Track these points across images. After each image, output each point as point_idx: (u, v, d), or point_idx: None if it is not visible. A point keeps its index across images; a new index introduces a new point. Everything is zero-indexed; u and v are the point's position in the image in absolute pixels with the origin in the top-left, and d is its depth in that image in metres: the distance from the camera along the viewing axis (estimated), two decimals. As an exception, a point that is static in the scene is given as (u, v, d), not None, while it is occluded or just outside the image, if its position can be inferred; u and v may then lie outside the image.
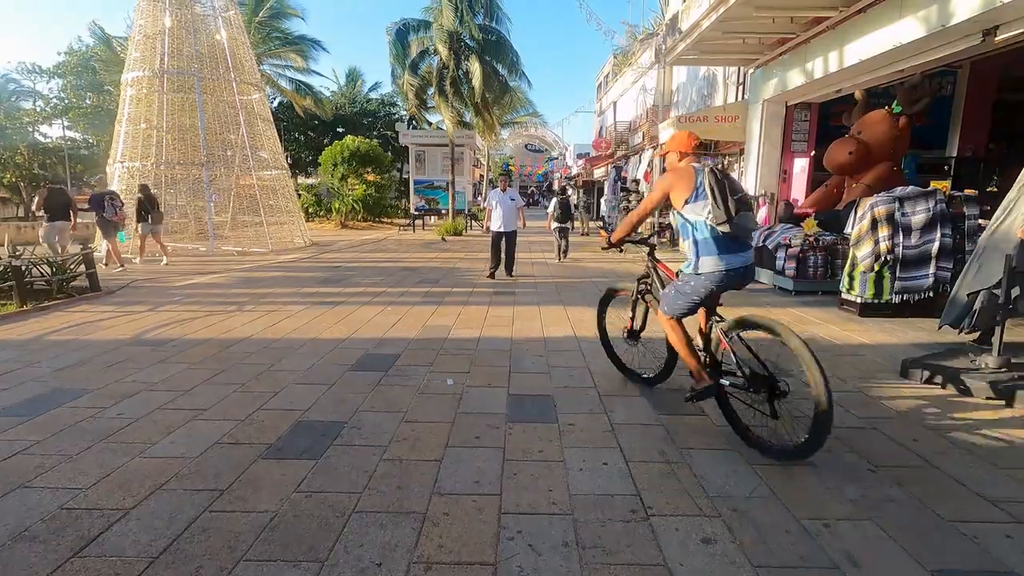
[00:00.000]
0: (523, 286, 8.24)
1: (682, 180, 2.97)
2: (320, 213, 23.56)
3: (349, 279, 8.72)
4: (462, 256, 12.29)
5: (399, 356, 4.49)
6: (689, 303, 3.17)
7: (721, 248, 2.94)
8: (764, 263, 8.58)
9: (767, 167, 11.49)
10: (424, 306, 6.62)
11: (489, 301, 6.94)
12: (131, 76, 12.68)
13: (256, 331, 5.30)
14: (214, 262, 10.95)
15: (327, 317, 5.96)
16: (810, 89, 9.92)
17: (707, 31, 9.61)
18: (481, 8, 17.44)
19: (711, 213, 2.83)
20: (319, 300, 6.93)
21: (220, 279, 8.78)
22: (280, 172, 14.93)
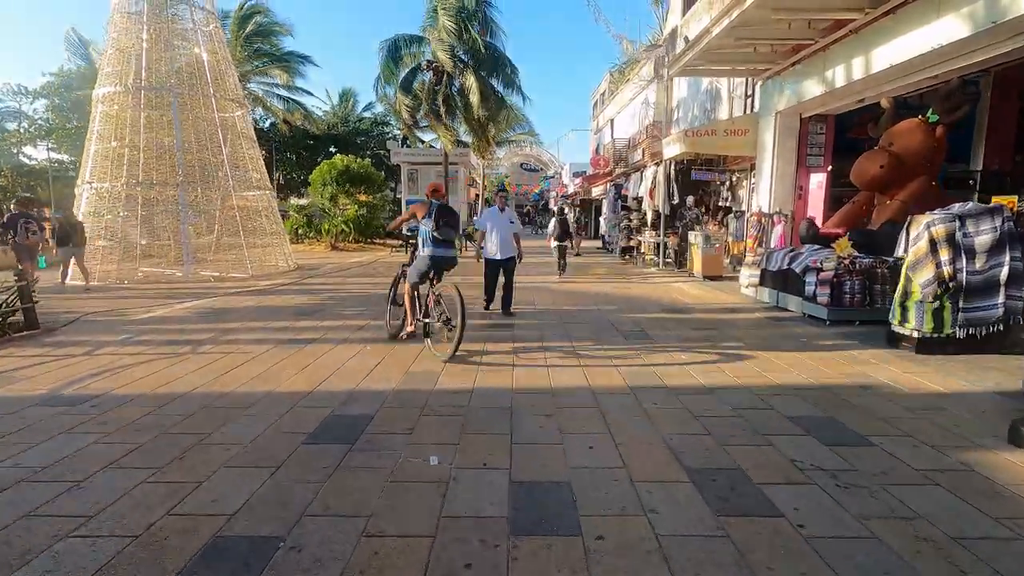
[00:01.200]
0: (522, 315, 7.36)
1: (423, 207, 5.75)
2: (310, 235, 22.73)
3: (328, 310, 7.82)
4: (456, 281, 11.38)
5: (371, 419, 3.58)
6: (418, 274, 5.86)
7: (434, 244, 5.74)
8: (789, 288, 7.75)
9: (781, 183, 10.74)
10: (407, 344, 5.72)
11: (485, 338, 6.05)
12: (103, 92, 11.92)
13: (204, 382, 4.38)
14: (185, 290, 10.04)
15: (294, 361, 5.05)
16: (829, 99, 9.22)
17: (718, 38, 8.91)
18: (477, 22, 16.89)
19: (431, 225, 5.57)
20: (290, 338, 6.02)
21: (185, 310, 7.87)
22: (264, 192, 14.12)
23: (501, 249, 7.32)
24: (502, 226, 7.38)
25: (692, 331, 6.43)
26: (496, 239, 7.29)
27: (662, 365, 4.92)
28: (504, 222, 7.38)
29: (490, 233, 7.35)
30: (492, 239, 7.32)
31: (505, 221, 7.39)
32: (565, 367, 4.84)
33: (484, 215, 7.55)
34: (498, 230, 7.35)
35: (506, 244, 7.35)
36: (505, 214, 7.44)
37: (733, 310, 7.93)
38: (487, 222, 7.42)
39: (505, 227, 7.39)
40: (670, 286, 10.62)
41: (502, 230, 7.37)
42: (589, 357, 5.20)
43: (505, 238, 7.34)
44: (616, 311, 7.74)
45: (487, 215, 7.56)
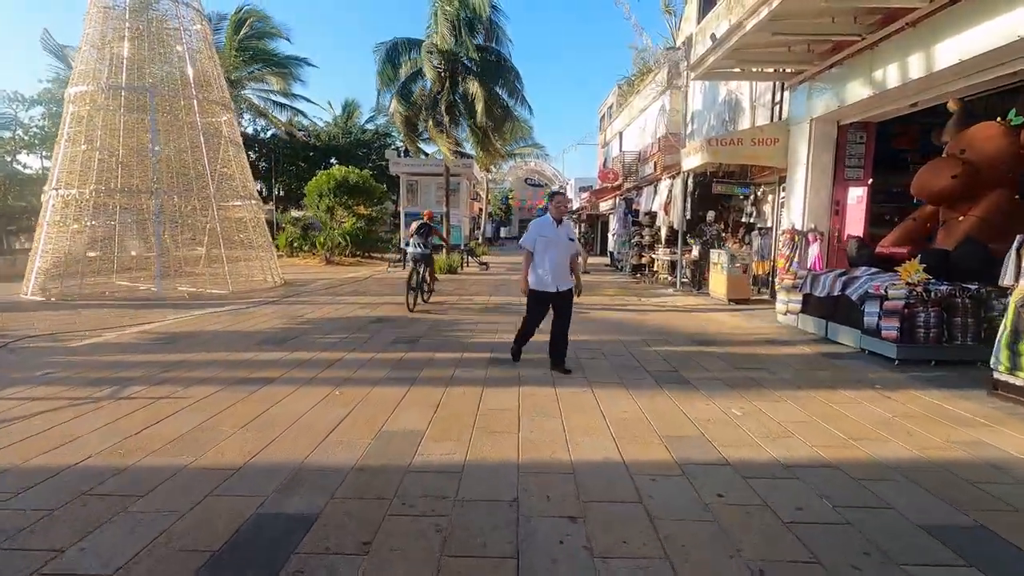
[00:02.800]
0: (530, 347, 6.23)
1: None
2: (305, 248, 21.74)
3: (303, 337, 6.72)
4: (453, 301, 10.33)
5: (313, 522, 2.45)
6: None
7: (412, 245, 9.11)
8: (841, 317, 6.63)
9: (816, 197, 9.66)
10: (389, 387, 4.60)
11: (484, 378, 4.93)
12: (74, 91, 10.99)
13: (102, 447, 3.27)
14: (152, 308, 8.96)
15: (238, 412, 3.93)
16: (876, 103, 8.17)
17: (752, 33, 7.91)
18: (481, 29, 16.04)
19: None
20: (245, 376, 4.92)
21: (136, 335, 6.78)
22: (250, 202, 13.13)
23: (556, 277, 5.14)
24: (558, 245, 5.17)
25: (734, 371, 5.30)
26: (549, 263, 5.13)
27: (711, 423, 3.79)
28: (561, 239, 5.19)
29: (541, 254, 5.16)
30: (544, 263, 5.14)
31: (562, 237, 5.20)
32: (588, 426, 3.71)
33: (533, 229, 5.28)
34: (552, 250, 5.14)
35: (562, 270, 5.19)
36: (562, 228, 5.23)
37: (773, 342, 6.80)
38: (537, 238, 5.19)
39: (562, 246, 5.19)
40: (693, 311, 9.50)
41: (558, 250, 5.16)
42: (616, 409, 4.07)
43: (561, 261, 5.18)
44: (638, 343, 6.62)
45: (537, 229, 5.27)
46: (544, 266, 5.13)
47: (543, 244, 5.15)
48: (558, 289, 5.17)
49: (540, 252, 5.16)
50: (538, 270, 5.17)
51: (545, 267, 5.13)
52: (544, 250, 5.15)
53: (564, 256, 5.21)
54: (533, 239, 5.20)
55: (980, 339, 5.55)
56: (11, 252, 19.01)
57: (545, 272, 5.14)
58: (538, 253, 5.17)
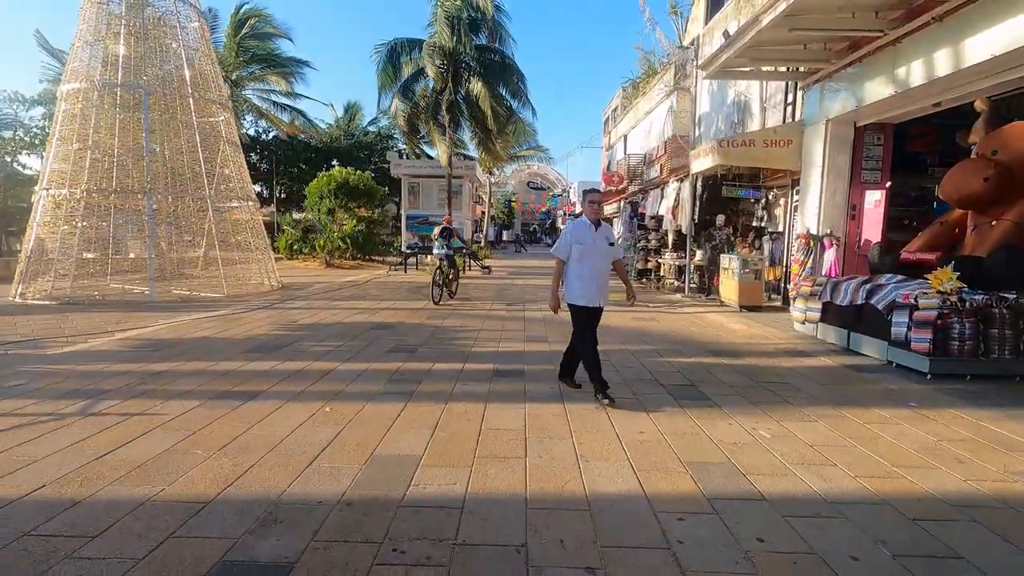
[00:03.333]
0: (535, 357, 5.88)
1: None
2: (305, 250, 21.41)
3: (295, 345, 6.37)
4: (455, 306, 9.98)
5: (289, 571, 2.10)
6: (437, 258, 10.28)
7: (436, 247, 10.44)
8: (865, 327, 6.27)
9: (832, 201, 9.32)
10: (384, 403, 4.24)
11: (487, 393, 4.57)
12: (66, 88, 10.69)
13: (61, 473, 2.92)
14: (143, 312, 8.63)
15: (215, 432, 3.58)
16: (897, 103, 7.82)
17: (768, 28, 7.58)
18: (484, 28, 15.73)
19: None
20: (228, 388, 4.56)
21: (121, 342, 6.44)
22: (247, 203, 12.80)
23: (597, 290, 4.40)
24: (597, 251, 4.39)
25: (756, 385, 4.93)
26: (588, 273, 4.36)
27: (739, 447, 3.43)
28: (600, 244, 4.41)
29: (577, 263, 4.40)
30: (582, 274, 4.38)
31: (601, 242, 4.42)
32: (602, 451, 3.35)
33: (569, 233, 4.51)
34: (591, 258, 4.37)
35: (603, 281, 4.45)
36: (601, 231, 4.45)
37: (793, 353, 6.42)
38: (573, 243, 4.41)
39: (602, 252, 4.42)
40: (704, 318, 9.13)
41: (597, 258, 4.39)
42: (631, 429, 3.71)
43: (602, 270, 4.44)
44: (650, 353, 6.26)
45: (573, 233, 4.48)
46: (583, 277, 4.35)
47: (579, 252, 4.35)
48: (602, 303, 4.43)
49: (576, 261, 4.36)
50: (575, 282, 4.38)
51: (584, 278, 4.35)
52: (581, 258, 4.36)
53: (605, 265, 4.45)
54: (567, 246, 4.41)
55: (1019, 352, 5.19)
56: (11, 254, 18.78)
57: (584, 284, 4.36)
58: (574, 262, 4.37)
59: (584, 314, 4.42)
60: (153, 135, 11.33)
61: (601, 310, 4.50)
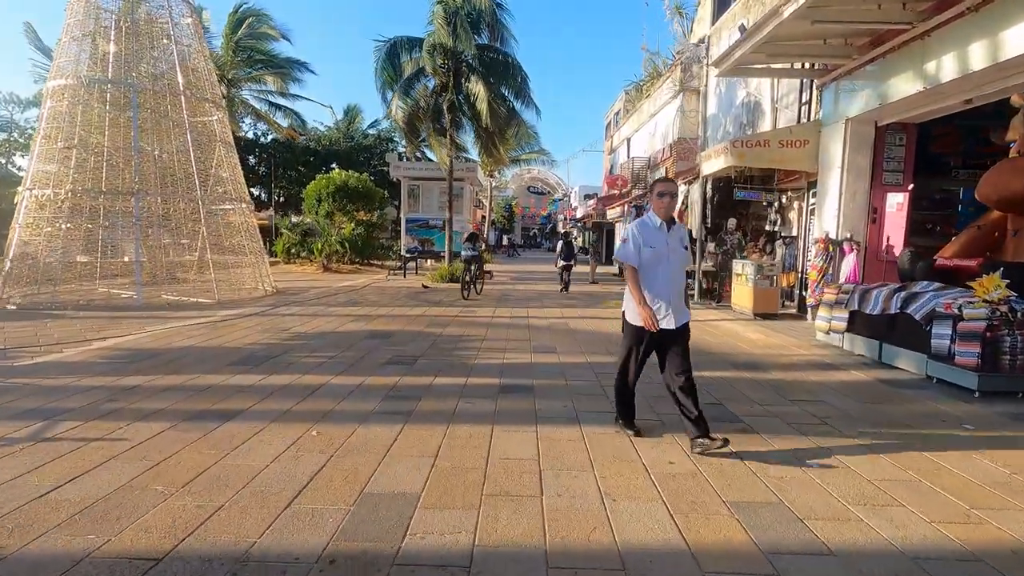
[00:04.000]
0: (544, 370, 5.43)
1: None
2: (302, 254, 20.97)
3: (284, 356, 5.90)
4: (456, 313, 9.52)
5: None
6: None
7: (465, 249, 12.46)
8: (899, 338, 5.82)
9: (852, 203, 8.88)
10: (379, 424, 3.78)
11: (493, 413, 4.11)
12: (52, 85, 10.27)
13: (-7, 517, 2.46)
14: (128, 318, 8.17)
15: (182, 462, 3.12)
16: (926, 100, 7.39)
17: (789, 21, 7.16)
18: (486, 27, 15.34)
19: None
20: (206, 408, 4.10)
21: (99, 352, 5.98)
22: (241, 205, 12.36)
23: (670, 305, 3.48)
24: (671, 257, 3.50)
25: (789, 404, 4.48)
26: (660, 285, 3.48)
27: (787, 482, 2.97)
28: (674, 248, 3.50)
29: (646, 272, 3.50)
30: (652, 285, 3.49)
31: (675, 247, 3.51)
32: (630, 488, 2.89)
33: (634, 234, 3.54)
34: (662, 266, 3.48)
35: (678, 294, 3.53)
36: (674, 232, 3.52)
37: (821, 366, 5.96)
38: (641, 246, 3.48)
39: (675, 258, 3.52)
40: (718, 327, 8.68)
41: (670, 265, 3.50)
42: (661, 459, 3.25)
43: (676, 281, 3.53)
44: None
45: (640, 234, 3.52)
46: (652, 289, 3.47)
47: (649, 258, 3.46)
48: (675, 324, 3.46)
49: (647, 267, 3.49)
50: (648, 293, 3.50)
51: (654, 290, 3.47)
52: (651, 266, 3.47)
53: (679, 274, 3.56)
54: (636, 250, 3.47)
55: (1076, 368, 4.74)
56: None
57: (654, 298, 3.45)
58: (645, 268, 3.49)
59: (647, 338, 3.50)
60: (144, 134, 10.91)
61: (676, 332, 3.48)
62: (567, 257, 13.94)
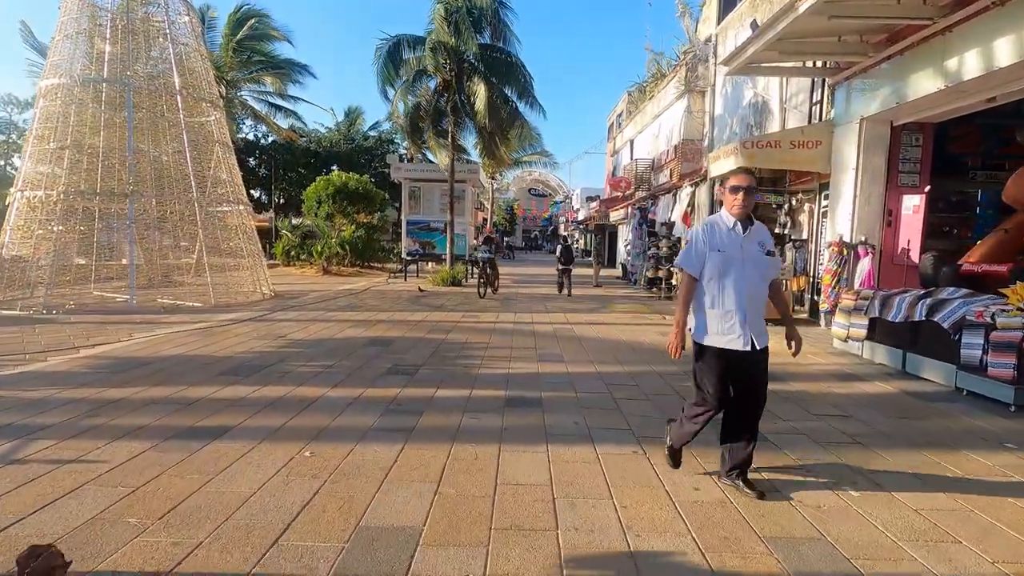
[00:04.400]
0: (552, 381, 5.16)
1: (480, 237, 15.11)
2: (302, 256, 20.71)
3: (280, 365, 5.63)
4: (459, 318, 9.25)
5: None
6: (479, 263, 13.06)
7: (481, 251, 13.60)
8: (924, 347, 5.54)
9: (867, 206, 8.62)
10: (378, 443, 3.51)
11: (499, 430, 3.83)
12: (46, 84, 10.04)
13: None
14: (120, 324, 7.91)
15: (161, 488, 2.84)
16: (947, 99, 7.13)
17: (805, 17, 6.90)
18: (488, 26, 15.10)
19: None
20: (192, 424, 3.83)
21: (86, 361, 5.71)
22: (238, 207, 12.11)
23: (747, 322, 2.83)
24: (747, 262, 2.86)
25: (814, 419, 4.21)
26: (732, 297, 2.85)
27: (827, 514, 2.69)
28: (751, 253, 2.86)
29: (716, 282, 2.88)
30: (721, 298, 2.87)
31: (753, 250, 2.87)
32: (655, 519, 2.61)
33: (698, 237, 2.97)
34: (736, 273, 2.86)
35: (756, 309, 2.87)
36: (752, 235, 2.89)
37: (842, 376, 5.69)
38: (708, 251, 2.89)
39: (754, 265, 2.87)
40: (729, 332, 8.38)
41: (747, 273, 2.86)
42: (685, 485, 2.97)
43: (754, 294, 2.87)
44: (679, 375, 5.52)
45: (708, 235, 2.93)
46: (722, 303, 2.83)
47: (717, 264, 2.84)
48: (752, 345, 2.79)
49: (713, 278, 2.85)
50: (708, 310, 2.87)
51: (724, 304, 2.83)
52: (719, 274, 2.84)
53: (759, 285, 2.86)
54: (700, 256, 2.89)
55: (1120, 381, 4.47)
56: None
57: (724, 314, 2.83)
58: (709, 280, 2.87)
59: (719, 362, 2.84)
60: (140, 135, 10.67)
61: (751, 356, 2.82)
62: (566, 261, 14.15)
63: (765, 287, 2.92)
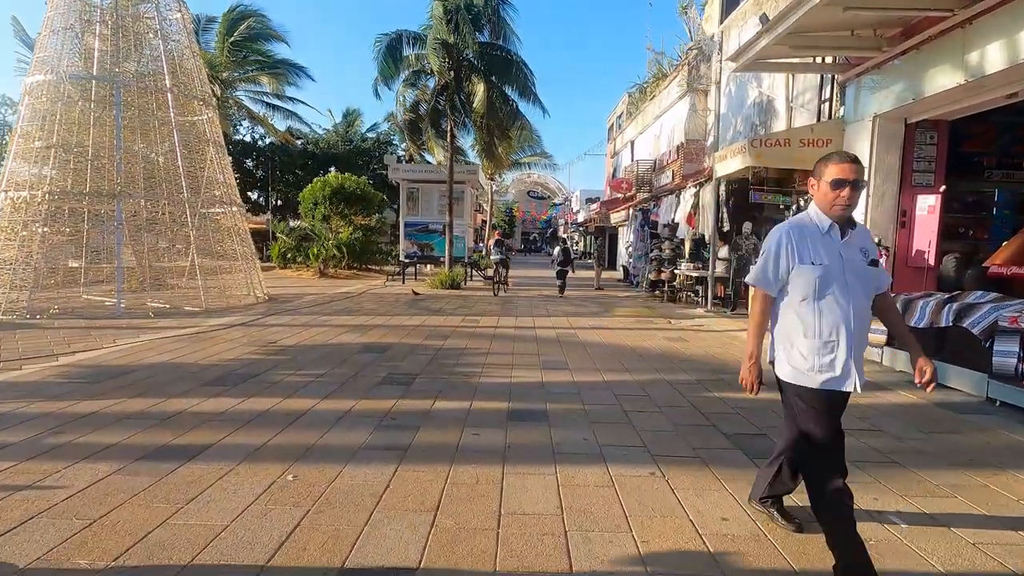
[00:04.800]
0: (558, 392, 4.84)
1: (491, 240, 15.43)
2: (298, 259, 20.38)
3: (268, 374, 5.31)
4: (458, 323, 8.94)
5: None
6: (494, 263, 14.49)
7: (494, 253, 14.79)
8: (950, 354, 5.24)
9: (880, 206, 8.33)
10: (369, 464, 3.19)
11: (503, 448, 3.51)
12: (31, 81, 9.72)
13: None
14: (105, 329, 7.58)
15: (123, 520, 2.52)
16: (967, 94, 6.84)
17: (819, 9, 6.60)
18: (487, 23, 14.82)
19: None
20: (167, 442, 3.51)
21: (63, 370, 5.38)
22: (232, 209, 11.79)
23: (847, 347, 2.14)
24: (848, 272, 2.15)
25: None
26: (831, 317, 2.14)
27: (874, 547, 2.37)
28: (852, 259, 2.16)
29: (810, 300, 2.17)
30: (815, 319, 2.16)
31: (854, 258, 2.16)
32: (683, 561, 2.29)
33: (781, 243, 2.21)
34: (837, 289, 2.14)
35: (860, 332, 2.19)
36: (856, 239, 2.19)
37: (863, 385, 5.37)
38: (796, 263, 2.18)
39: (856, 276, 2.16)
40: (739, 338, 8.09)
41: (848, 286, 2.14)
42: (712, 512, 2.65)
43: (859, 313, 2.16)
44: (693, 385, 5.22)
45: (793, 244, 2.19)
46: (819, 331, 2.16)
47: (811, 280, 2.15)
48: (855, 385, 2.19)
49: (807, 299, 2.17)
50: (800, 339, 2.20)
51: (822, 333, 2.15)
52: (816, 294, 2.15)
53: (864, 306, 2.20)
54: (783, 269, 2.21)
55: None
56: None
57: (824, 345, 2.15)
58: (800, 300, 2.20)
59: (819, 403, 2.19)
60: (130, 134, 10.34)
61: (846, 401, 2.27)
62: (564, 263, 14.58)
63: (869, 305, 2.23)
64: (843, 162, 2.14)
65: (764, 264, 2.27)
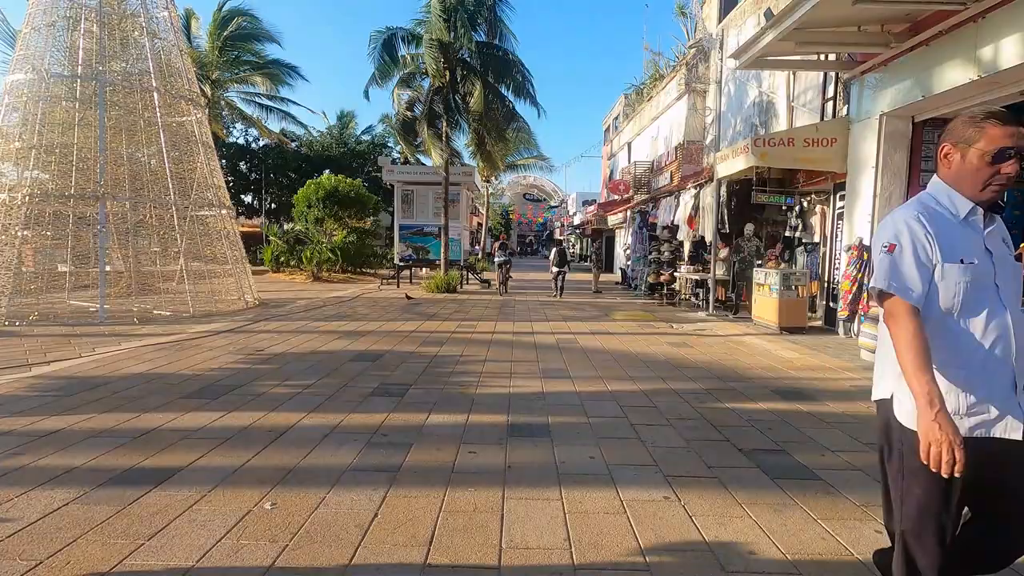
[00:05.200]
0: (560, 403, 4.57)
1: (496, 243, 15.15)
2: (292, 263, 20.05)
3: (252, 385, 5.01)
4: (453, 328, 8.66)
5: None
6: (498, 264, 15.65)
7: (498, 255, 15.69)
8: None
9: (887, 206, 8.11)
10: (355, 489, 2.90)
11: (503, 469, 3.23)
12: (12, 79, 9.40)
13: None
14: (84, 337, 7.26)
15: (77, 559, 2.23)
16: (978, 91, 6.66)
17: (827, 2, 6.39)
18: (483, 22, 14.58)
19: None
20: (136, 463, 3.21)
21: (32, 382, 5.07)
22: (221, 211, 11.48)
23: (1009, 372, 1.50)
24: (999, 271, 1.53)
25: (866, 451, 3.62)
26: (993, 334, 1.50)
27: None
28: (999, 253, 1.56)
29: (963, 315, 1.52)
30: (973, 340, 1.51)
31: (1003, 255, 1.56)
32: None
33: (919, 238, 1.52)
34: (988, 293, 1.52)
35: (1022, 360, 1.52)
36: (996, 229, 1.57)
37: (878, 393, 5.12)
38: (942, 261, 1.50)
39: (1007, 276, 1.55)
40: (743, 343, 7.84)
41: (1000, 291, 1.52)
42: (735, 549, 2.38)
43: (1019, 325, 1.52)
44: (701, 394, 4.95)
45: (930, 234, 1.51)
46: (973, 353, 1.51)
47: (959, 282, 1.51)
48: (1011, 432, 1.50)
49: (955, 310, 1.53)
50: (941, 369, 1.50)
51: (978, 356, 1.51)
52: (965, 302, 1.52)
53: (1021, 316, 1.55)
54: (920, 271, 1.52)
55: None
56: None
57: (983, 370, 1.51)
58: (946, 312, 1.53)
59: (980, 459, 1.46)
60: (116, 134, 10.04)
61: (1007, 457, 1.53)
62: (560, 264, 14.82)
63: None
64: (1008, 123, 1.49)
65: (897, 262, 1.52)
